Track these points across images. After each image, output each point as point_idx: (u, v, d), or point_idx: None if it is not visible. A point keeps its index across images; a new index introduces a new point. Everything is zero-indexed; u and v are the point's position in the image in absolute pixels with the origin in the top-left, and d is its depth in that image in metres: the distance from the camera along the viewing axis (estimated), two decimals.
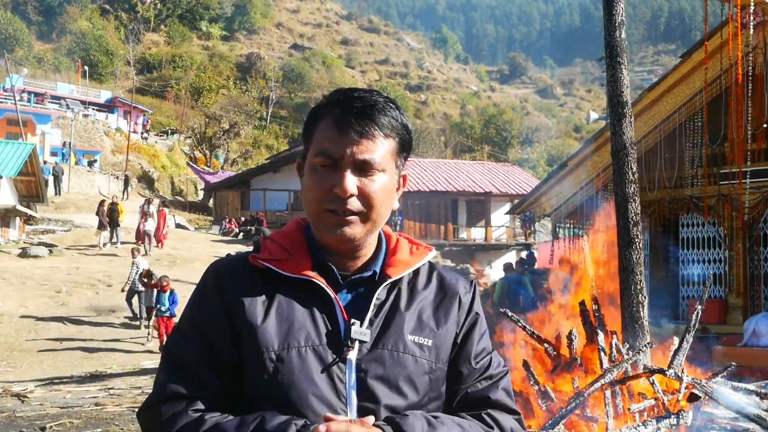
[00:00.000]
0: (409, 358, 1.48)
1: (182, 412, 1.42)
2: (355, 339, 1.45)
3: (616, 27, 6.71)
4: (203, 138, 52.61)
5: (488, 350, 1.61)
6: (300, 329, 1.45)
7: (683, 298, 13.69)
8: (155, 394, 1.47)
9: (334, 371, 1.43)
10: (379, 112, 1.48)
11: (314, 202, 1.47)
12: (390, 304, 1.52)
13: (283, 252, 1.52)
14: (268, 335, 1.43)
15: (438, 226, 34.31)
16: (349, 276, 1.52)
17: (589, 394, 5.20)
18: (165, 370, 1.48)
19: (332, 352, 1.44)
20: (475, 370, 1.56)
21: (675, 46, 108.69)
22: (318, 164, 1.47)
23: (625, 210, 6.63)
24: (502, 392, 1.57)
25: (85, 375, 11.28)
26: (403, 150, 1.54)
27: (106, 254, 22.33)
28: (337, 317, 1.47)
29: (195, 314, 1.51)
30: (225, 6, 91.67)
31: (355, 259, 1.53)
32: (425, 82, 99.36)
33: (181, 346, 1.49)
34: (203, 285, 1.53)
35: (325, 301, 1.48)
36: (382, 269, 1.54)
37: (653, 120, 13.54)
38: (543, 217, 17.02)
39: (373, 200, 1.47)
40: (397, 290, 1.54)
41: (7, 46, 60.61)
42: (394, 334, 1.48)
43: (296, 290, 1.48)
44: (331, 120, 1.47)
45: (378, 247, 1.57)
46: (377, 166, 1.47)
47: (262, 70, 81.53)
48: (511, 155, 70.42)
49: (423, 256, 1.59)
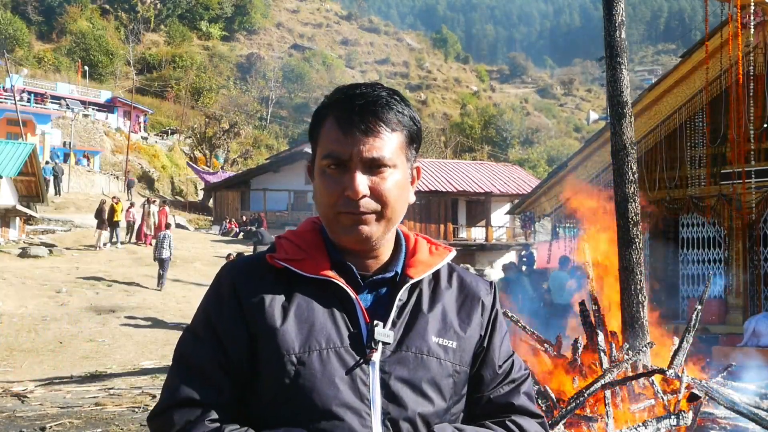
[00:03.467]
0: (434, 361, 1.44)
1: (197, 422, 1.37)
2: (379, 341, 1.40)
3: (616, 27, 6.71)
4: (203, 138, 52.59)
5: (510, 353, 1.58)
6: (321, 331, 1.40)
7: (683, 298, 13.69)
8: (167, 399, 1.41)
9: (357, 374, 1.39)
10: (383, 108, 1.44)
11: (328, 207, 1.43)
12: (412, 306, 1.48)
13: (299, 252, 1.47)
14: (288, 338, 1.38)
15: (438, 226, 34.30)
16: (369, 276, 1.48)
17: (590, 394, 5.20)
18: (177, 373, 1.43)
19: (355, 354, 1.40)
20: (498, 375, 1.53)
21: (675, 46, 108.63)
22: (326, 167, 1.43)
23: (625, 210, 6.62)
24: (524, 397, 1.55)
25: (85, 375, 11.27)
26: (413, 142, 1.50)
27: (106, 254, 22.35)
28: (358, 319, 1.43)
29: (209, 317, 1.45)
30: (225, 6, 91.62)
31: (373, 258, 1.49)
32: (425, 82, 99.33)
33: (195, 349, 1.44)
34: (218, 286, 1.47)
35: (345, 302, 1.44)
36: (403, 270, 1.49)
37: (653, 120, 13.53)
38: (543, 217, 17.01)
39: (386, 198, 1.43)
40: (419, 291, 1.50)
41: (7, 46, 60.57)
42: (417, 335, 1.44)
43: (315, 291, 1.44)
44: (334, 120, 1.44)
45: (397, 248, 1.53)
46: (387, 162, 1.42)
47: (262, 70, 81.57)
48: (511, 155, 70.43)
49: (443, 256, 1.54)
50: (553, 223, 15.99)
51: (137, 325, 15.21)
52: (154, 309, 16.30)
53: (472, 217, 36.04)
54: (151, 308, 16.35)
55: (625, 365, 5.60)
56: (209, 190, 41.08)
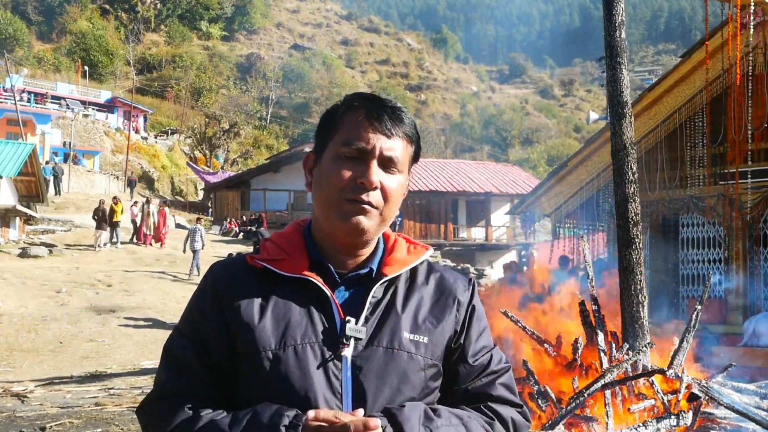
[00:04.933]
0: (404, 355, 1.48)
1: (178, 409, 1.44)
2: (351, 336, 1.46)
3: (616, 27, 6.71)
4: (203, 138, 52.61)
5: (489, 347, 1.62)
6: (296, 327, 1.46)
7: (683, 298, 13.69)
8: (154, 391, 1.51)
9: (330, 368, 1.45)
10: (406, 118, 1.54)
11: (335, 189, 1.49)
12: (386, 302, 1.53)
13: (280, 252, 1.54)
14: (265, 334, 1.45)
15: (438, 226, 34.32)
16: (346, 274, 1.54)
17: (590, 394, 5.20)
18: (164, 368, 1.53)
19: (328, 349, 1.46)
20: (474, 368, 1.57)
21: (675, 46, 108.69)
22: (345, 153, 1.49)
23: (625, 210, 6.62)
24: (501, 388, 1.58)
25: (85, 375, 11.27)
26: (415, 159, 1.59)
27: (106, 254, 22.35)
28: (334, 315, 1.48)
29: (192, 315, 1.54)
30: (225, 6, 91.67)
31: (354, 257, 1.55)
32: (425, 82, 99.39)
33: (180, 345, 1.53)
34: (203, 285, 1.56)
35: (321, 300, 1.50)
36: (379, 267, 1.55)
37: (653, 120, 13.53)
38: (543, 217, 17.01)
39: (390, 196, 1.50)
40: (394, 288, 1.55)
41: (7, 46, 60.63)
42: (389, 331, 1.50)
43: (293, 289, 1.50)
44: (364, 114, 1.51)
45: (376, 246, 1.59)
46: (399, 165, 1.51)
47: (262, 70, 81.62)
48: (511, 155, 70.48)
49: (420, 255, 1.60)
50: (553, 223, 15.99)
51: (137, 325, 15.21)
52: (154, 309, 16.30)
53: (472, 217, 36.05)
54: (151, 308, 16.35)
55: (625, 365, 5.60)
56: (209, 190, 41.10)
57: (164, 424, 1.44)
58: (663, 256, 13.87)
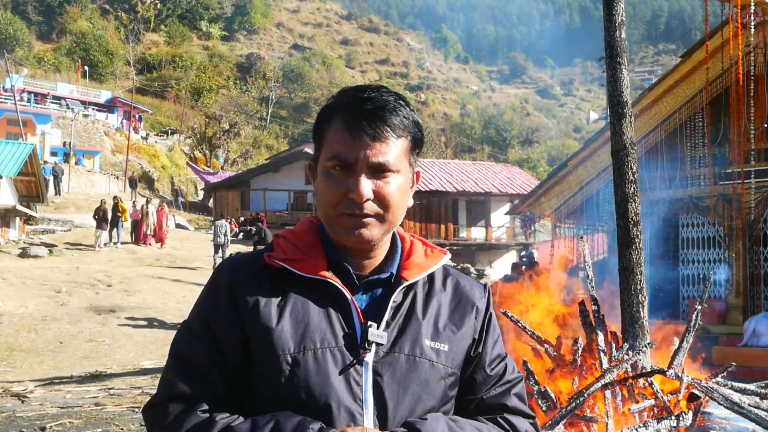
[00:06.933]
0: (426, 363, 1.45)
1: (191, 412, 1.39)
2: (372, 341, 1.42)
3: (616, 27, 6.70)
4: (203, 138, 52.61)
5: (502, 356, 1.59)
6: (316, 331, 1.41)
7: (683, 298, 13.69)
8: (162, 392, 1.44)
9: (350, 374, 1.40)
10: (390, 113, 1.44)
11: (330, 207, 1.44)
12: (406, 308, 1.49)
13: (297, 251, 1.48)
14: (283, 337, 1.40)
15: (438, 226, 34.31)
16: (365, 277, 1.49)
17: (589, 394, 5.20)
18: (173, 368, 1.45)
19: (349, 354, 1.41)
20: (490, 377, 1.55)
21: (675, 46, 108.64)
22: (332, 168, 1.44)
23: (625, 210, 6.62)
24: (516, 399, 1.56)
25: (85, 375, 11.26)
26: (416, 147, 1.51)
27: (106, 254, 22.35)
28: (353, 319, 1.44)
29: (205, 314, 1.47)
30: (225, 6, 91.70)
31: (369, 259, 1.50)
32: (425, 82, 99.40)
33: (190, 345, 1.45)
34: (215, 284, 1.49)
35: (340, 303, 1.45)
36: (398, 271, 1.51)
37: (653, 120, 13.53)
38: (543, 217, 17.02)
39: (389, 202, 1.44)
40: (413, 293, 1.51)
41: (7, 46, 60.63)
42: (410, 337, 1.46)
43: (311, 291, 1.45)
44: (342, 123, 1.43)
45: (393, 249, 1.54)
46: (392, 167, 1.44)
47: (262, 70, 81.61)
48: (511, 155, 70.50)
49: (438, 259, 1.56)
50: (553, 223, 15.99)
51: (137, 325, 15.20)
52: (154, 309, 16.29)
53: (472, 217, 36.04)
54: (151, 308, 16.34)
55: (625, 365, 5.60)
56: (209, 190, 41.10)
57: (175, 426, 1.38)
58: (663, 256, 13.87)
